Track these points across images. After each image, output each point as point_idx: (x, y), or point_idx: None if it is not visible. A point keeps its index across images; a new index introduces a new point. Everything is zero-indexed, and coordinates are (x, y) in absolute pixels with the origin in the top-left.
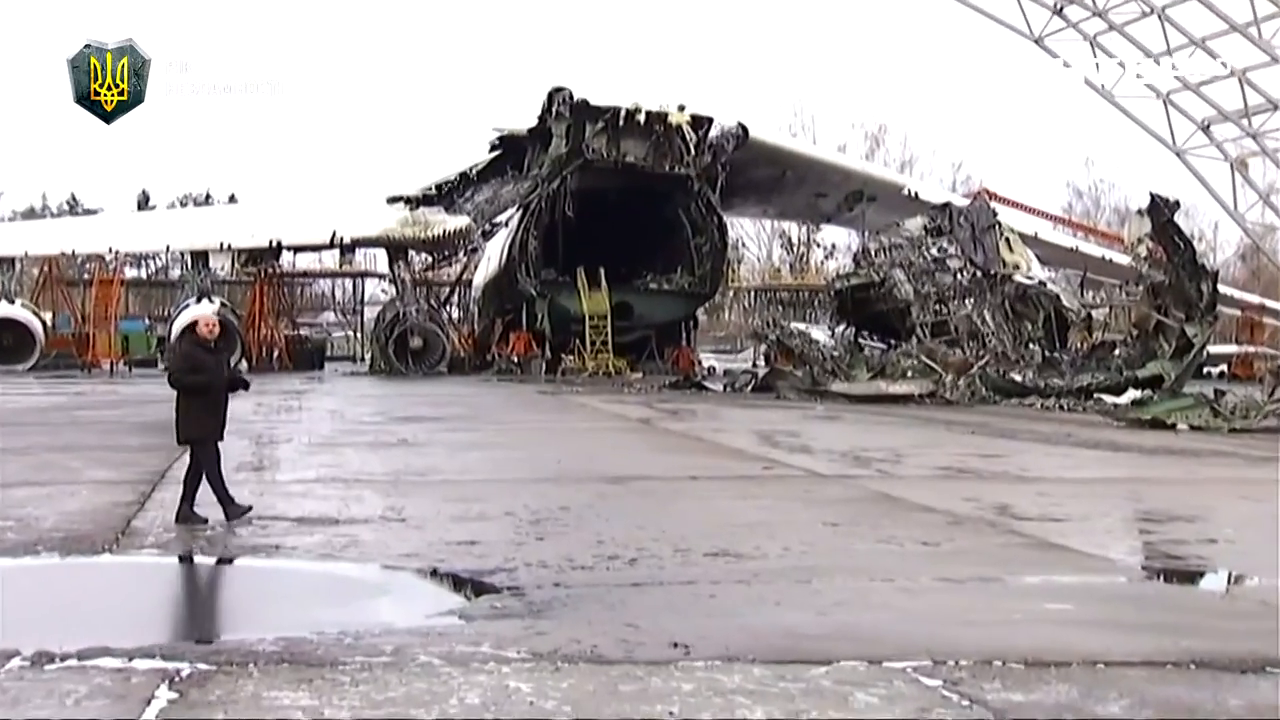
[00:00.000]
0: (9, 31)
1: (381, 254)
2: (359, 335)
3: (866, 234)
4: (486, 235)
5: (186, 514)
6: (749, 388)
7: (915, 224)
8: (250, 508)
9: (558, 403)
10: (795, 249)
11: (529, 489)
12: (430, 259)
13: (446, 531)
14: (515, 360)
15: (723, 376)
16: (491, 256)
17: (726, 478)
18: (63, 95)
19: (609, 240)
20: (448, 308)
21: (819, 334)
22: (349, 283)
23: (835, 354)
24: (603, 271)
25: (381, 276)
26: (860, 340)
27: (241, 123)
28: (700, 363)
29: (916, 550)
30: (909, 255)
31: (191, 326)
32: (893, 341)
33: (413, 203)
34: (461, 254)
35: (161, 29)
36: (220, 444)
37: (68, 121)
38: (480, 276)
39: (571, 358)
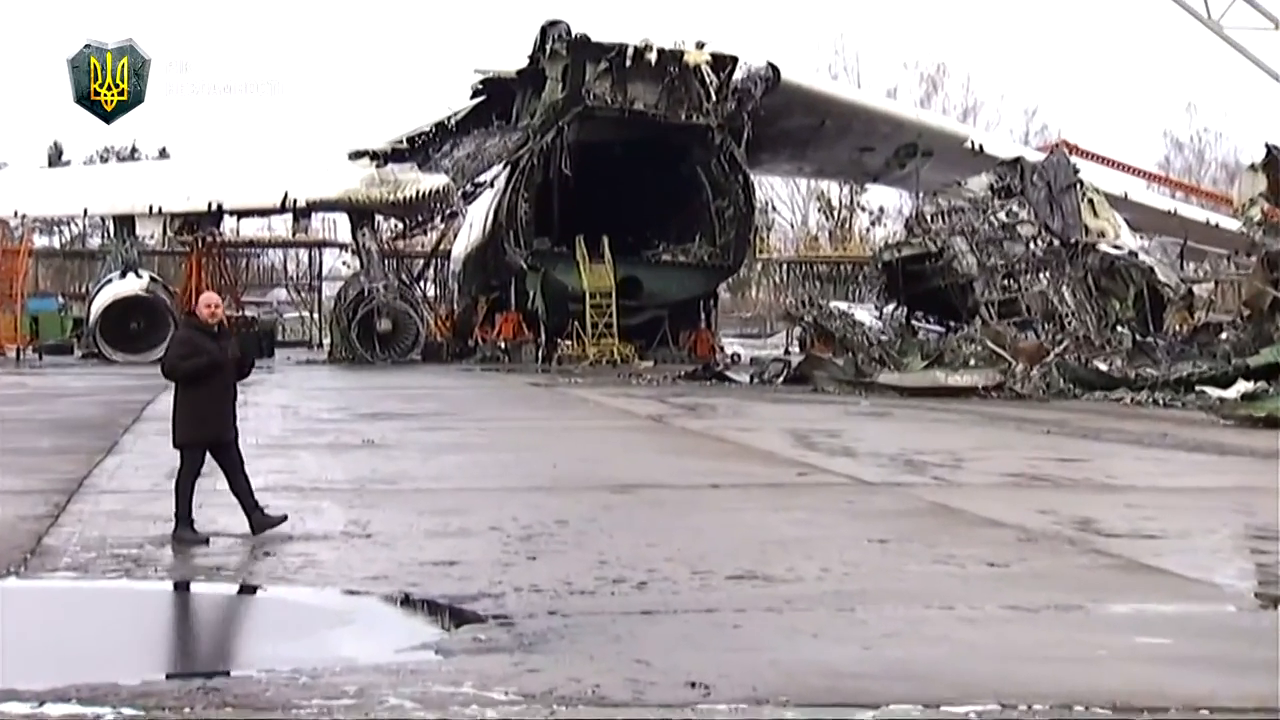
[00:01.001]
0: (9, 31)
1: (343, 220)
2: (316, 317)
3: (921, 195)
4: (468, 197)
5: (261, 519)
6: (780, 379)
7: (980, 183)
8: (207, 539)
9: (553, 396)
10: (836, 213)
11: (519, 499)
12: (401, 225)
13: (421, 550)
14: (502, 346)
15: (749, 365)
16: (474, 222)
17: (754, 485)
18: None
19: (614, 203)
20: (422, 284)
21: (864, 315)
22: (304, 254)
23: (883, 338)
24: (606, 241)
25: (343, 246)
26: (913, 322)
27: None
28: (722, 349)
29: (981, 572)
30: (972, 220)
31: (190, 311)
32: (952, 323)
33: (380, 158)
34: (438, 219)
35: (161, 29)
36: (239, 448)
37: None
38: (460, 246)
39: (569, 343)
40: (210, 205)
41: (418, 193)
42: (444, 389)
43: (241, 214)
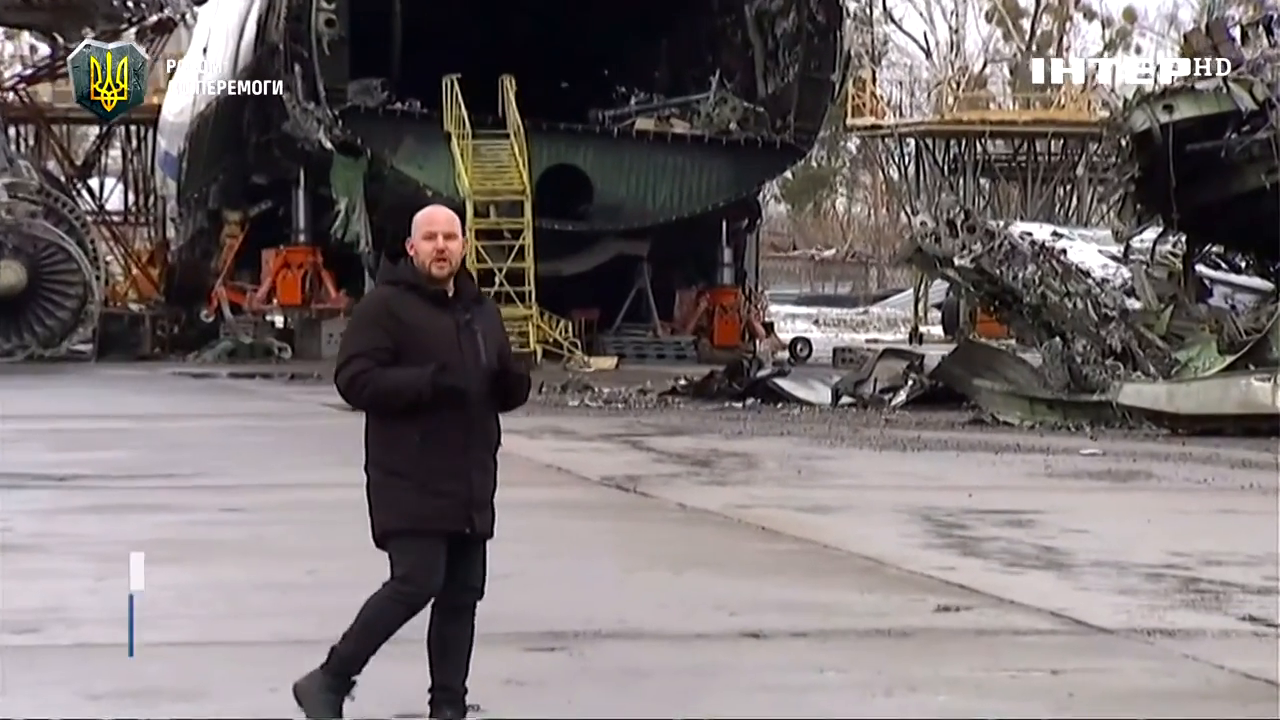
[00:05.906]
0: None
1: None
2: None
3: None
4: None
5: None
6: (902, 395)
7: None
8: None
9: None
10: (1027, 28)
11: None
12: (45, 53)
13: None
14: (278, 323)
15: (828, 369)
16: (213, 47)
17: (838, 634)
18: None
19: (526, 8)
20: (97, 185)
21: (1086, 251)
22: None
23: (1131, 306)
24: (510, 87)
25: None
26: (1198, 268)
27: None
28: (770, 329)
29: None
30: None
31: (397, 249)
32: None
33: None
34: (131, 37)
35: None
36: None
37: None
38: (181, 101)
39: None
40: None
41: None
42: (149, 419)
43: None
